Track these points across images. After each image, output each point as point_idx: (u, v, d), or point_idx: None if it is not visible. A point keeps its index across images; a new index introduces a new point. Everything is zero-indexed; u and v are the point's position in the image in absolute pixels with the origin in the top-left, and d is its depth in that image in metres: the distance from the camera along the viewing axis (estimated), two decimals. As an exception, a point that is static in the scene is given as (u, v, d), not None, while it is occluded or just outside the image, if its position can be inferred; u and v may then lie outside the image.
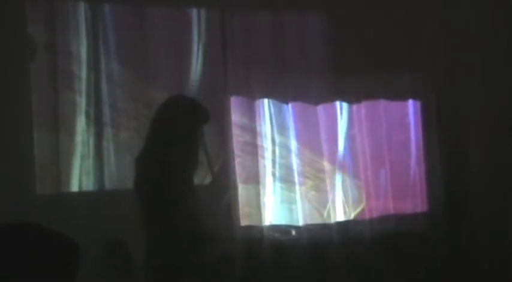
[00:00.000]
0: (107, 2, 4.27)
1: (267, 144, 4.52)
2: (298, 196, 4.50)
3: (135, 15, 4.33)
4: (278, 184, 4.53)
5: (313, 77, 4.62)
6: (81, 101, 4.15)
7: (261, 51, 4.50)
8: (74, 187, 4.13)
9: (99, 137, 4.13)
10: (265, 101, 4.54)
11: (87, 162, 4.12)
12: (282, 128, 4.55)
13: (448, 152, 4.79)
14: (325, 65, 4.62)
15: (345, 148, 4.65)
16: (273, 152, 4.54)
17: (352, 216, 4.65)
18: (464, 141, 4.84)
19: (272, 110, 4.55)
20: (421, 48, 4.78)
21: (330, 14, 4.69)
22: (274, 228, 4.48)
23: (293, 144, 4.54)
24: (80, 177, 4.13)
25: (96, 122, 4.13)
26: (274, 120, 4.54)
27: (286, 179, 4.54)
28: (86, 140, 4.13)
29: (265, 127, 4.53)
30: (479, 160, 4.79)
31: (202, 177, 4.37)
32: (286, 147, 4.55)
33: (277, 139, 4.54)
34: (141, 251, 3.99)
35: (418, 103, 4.84)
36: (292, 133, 4.55)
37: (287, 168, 4.54)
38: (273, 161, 4.54)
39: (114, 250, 4.01)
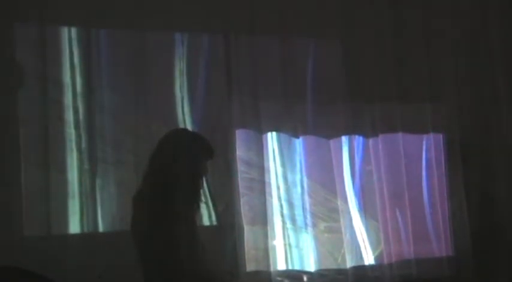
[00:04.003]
0: (102, 28, 4.24)
1: (275, 181, 4.49)
2: (309, 238, 4.47)
3: (132, 42, 4.29)
4: (287, 225, 4.48)
5: (326, 108, 4.61)
6: (74, 135, 4.10)
7: (269, 80, 4.48)
8: (65, 229, 4.06)
9: (92, 174, 4.08)
10: (274, 134, 4.51)
11: (79, 201, 4.06)
12: (291, 164, 4.52)
13: (474, 190, 4.76)
14: (339, 96, 4.62)
15: (360, 186, 4.62)
16: (282, 190, 4.50)
17: (369, 260, 4.60)
18: (492, 178, 4.82)
19: (281, 144, 4.52)
20: (444, 76, 4.80)
21: (346, 42, 4.70)
22: (284, 273, 4.42)
23: (304, 181, 4.51)
24: (71, 218, 4.06)
25: (90, 157, 4.08)
26: (283, 155, 4.51)
27: (297, 220, 4.49)
28: (79, 177, 4.08)
29: (274, 163, 4.50)
30: (509, 200, 4.75)
31: (205, 218, 4.31)
32: (296, 185, 4.52)
33: (287, 176, 4.51)
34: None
35: (441, 137, 4.83)
36: (302, 169, 4.52)
37: (297, 208, 4.50)
38: (282, 200, 4.49)
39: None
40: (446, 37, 4.84)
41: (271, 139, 4.51)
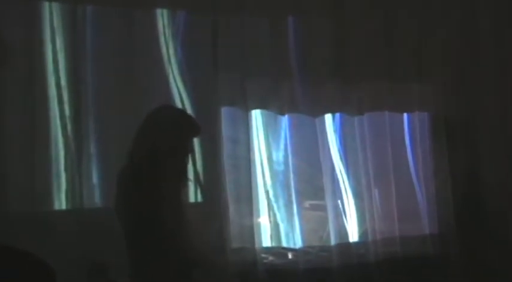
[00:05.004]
0: (89, 4, 4.21)
1: (261, 159, 4.50)
2: (294, 216, 4.48)
3: (119, 19, 4.27)
4: (273, 203, 4.51)
5: (312, 86, 4.60)
6: (60, 111, 4.09)
7: (255, 58, 4.46)
8: (51, 205, 4.05)
9: (78, 151, 4.06)
10: (260, 111, 4.52)
11: (65, 178, 4.06)
12: (277, 142, 4.54)
13: (459, 168, 4.79)
14: (325, 74, 4.62)
15: (346, 164, 4.65)
16: (268, 167, 4.52)
17: (353, 238, 4.64)
18: (476, 156, 4.85)
19: (267, 121, 4.54)
20: (431, 55, 4.81)
21: (332, 21, 4.68)
22: (269, 250, 4.46)
23: (289, 159, 4.51)
24: (57, 195, 4.06)
25: (76, 134, 4.07)
26: (268, 133, 4.53)
27: (282, 197, 4.51)
28: (64, 154, 4.06)
29: (259, 140, 4.51)
30: (493, 177, 4.81)
31: (190, 195, 4.31)
32: (281, 163, 4.54)
33: (272, 153, 4.53)
34: (124, 275, 3.85)
35: (427, 115, 4.85)
36: (288, 147, 4.52)
37: (283, 186, 4.53)
38: (268, 178, 4.53)
39: (95, 274, 3.92)
40: (434, 17, 4.86)
41: (257, 117, 4.51)
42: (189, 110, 4.30)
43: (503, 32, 4.96)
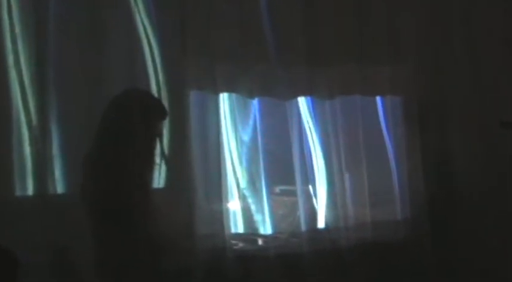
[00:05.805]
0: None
1: (230, 143, 4.48)
2: (264, 201, 4.45)
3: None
4: (243, 188, 4.51)
5: (282, 69, 4.55)
6: (21, 91, 3.97)
7: (225, 41, 4.38)
8: (13, 190, 3.95)
9: (42, 133, 3.95)
10: (229, 95, 4.47)
11: (28, 162, 3.95)
12: (247, 125, 4.51)
13: (431, 152, 4.82)
14: (296, 57, 4.56)
15: (317, 149, 4.61)
16: (238, 152, 4.51)
17: (324, 223, 4.61)
18: (448, 140, 4.88)
19: (236, 105, 4.50)
20: (402, 38, 4.80)
21: (303, 3, 4.61)
22: (238, 237, 4.43)
23: (259, 143, 4.47)
24: (19, 180, 3.95)
25: (39, 115, 3.96)
26: (238, 117, 4.51)
27: (252, 182, 4.50)
28: (27, 137, 3.95)
29: (229, 124, 4.49)
30: (465, 161, 4.83)
31: (158, 180, 4.23)
32: (251, 147, 4.51)
33: (242, 137, 4.53)
34: (89, 262, 3.82)
35: (398, 99, 4.84)
36: (258, 131, 4.48)
37: (253, 171, 4.50)
38: (237, 163, 4.52)
39: (59, 260, 3.84)
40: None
41: (226, 100, 4.48)
42: (156, 94, 4.22)
43: (474, 15, 4.96)
